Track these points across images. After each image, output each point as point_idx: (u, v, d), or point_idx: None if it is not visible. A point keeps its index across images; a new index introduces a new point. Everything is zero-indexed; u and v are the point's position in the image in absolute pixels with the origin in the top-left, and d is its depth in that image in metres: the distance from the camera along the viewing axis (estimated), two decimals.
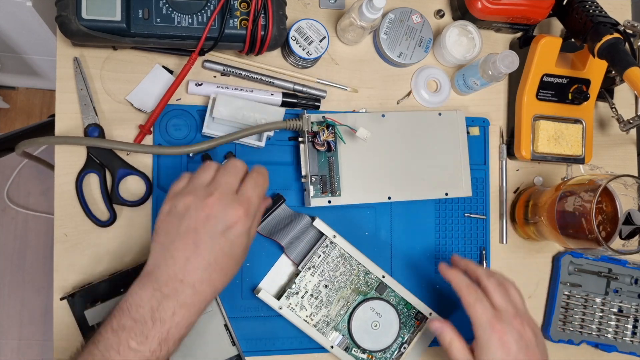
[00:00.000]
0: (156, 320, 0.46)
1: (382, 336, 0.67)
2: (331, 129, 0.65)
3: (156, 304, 0.47)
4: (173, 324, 0.47)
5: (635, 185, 0.65)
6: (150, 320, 0.46)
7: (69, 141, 0.61)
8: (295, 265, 0.66)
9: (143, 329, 0.46)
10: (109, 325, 0.46)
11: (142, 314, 0.46)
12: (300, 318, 0.65)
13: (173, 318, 0.47)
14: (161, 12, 0.58)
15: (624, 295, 0.76)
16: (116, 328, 0.46)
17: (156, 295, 0.47)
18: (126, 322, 0.46)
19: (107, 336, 0.46)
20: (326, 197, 0.66)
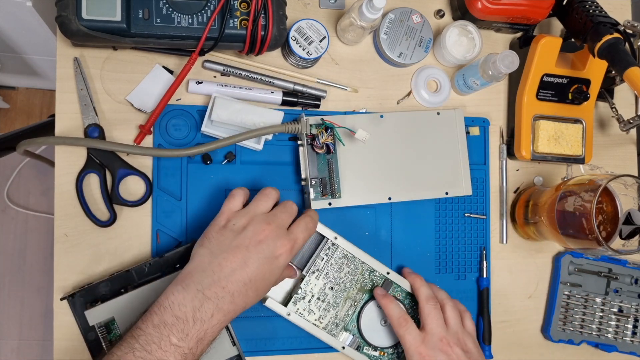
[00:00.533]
0: (197, 320, 0.49)
1: (392, 332, 0.67)
2: (330, 131, 0.65)
3: (198, 304, 0.50)
4: (210, 325, 0.50)
5: (635, 185, 0.65)
6: (192, 319, 0.49)
7: (69, 142, 0.61)
8: (299, 270, 0.66)
9: (184, 327, 0.49)
10: (149, 321, 0.49)
11: (184, 312, 0.49)
12: (310, 322, 0.65)
13: (211, 320, 0.50)
14: (161, 12, 0.58)
15: (624, 295, 0.76)
16: (157, 324, 0.49)
17: (199, 296, 0.50)
18: (168, 318, 0.49)
19: (149, 331, 0.48)
20: (326, 199, 0.66)
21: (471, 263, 0.73)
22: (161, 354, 0.47)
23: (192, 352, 0.49)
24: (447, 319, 0.64)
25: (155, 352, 0.47)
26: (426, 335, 0.62)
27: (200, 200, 0.66)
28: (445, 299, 0.66)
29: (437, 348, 0.61)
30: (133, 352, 0.47)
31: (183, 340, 0.48)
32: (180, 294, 0.50)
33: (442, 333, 0.62)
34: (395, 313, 0.64)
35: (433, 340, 0.61)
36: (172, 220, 0.65)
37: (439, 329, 0.62)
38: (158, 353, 0.47)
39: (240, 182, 0.67)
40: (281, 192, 0.67)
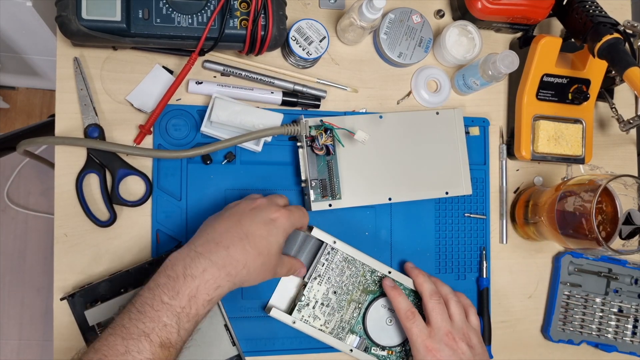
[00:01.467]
0: (187, 276, 0.49)
1: (398, 330, 0.67)
2: (329, 133, 0.65)
3: (189, 261, 0.50)
4: (203, 280, 0.50)
5: (635, 185, 0.65)
6: (182, 276, 0.49)
7: (69, 142, 0.61)
8: (301, 277, 0.66)
9: (175, 285, 0.49)
10: (146, 286, 0.50)
11: (175, 271, 0.50)
12: (315, 328, 0.65)
13: (203, 275, 0.50)
14: (161, 12, 0.58)
15: (624, 295, 0.76)
16: (152, 286, 0.50)
17: (191, 254, 0.51)
18: (161, 279, 0.50)
19: (144, 294, 0.49)
20: (327, 200, 0.66)
21: (471, 263, 0.73)
22: (153, 313, 0.48)
23: (186, 312, 0.49)
24: (452, 314, 0.64)
25: (148, 312, 0.48)
26: (432, 330, 0.62)
27: (200, 200, 0.66)
28: (449, 294, 0.66)
29: (443, 342, 0.61)
30: (129, 315, 0.48)
31: (174, 298, 0.48)
32: (174, 257, 0.52)
33: (447, 327, 0.62)
34: (403, 306, 0.64)
35: (439, 335, 0.62)
36: (172, 220, 0.65)
37: (444, 323, 0.63)
38: (151, 313, 0.48)
39: (240, 182, 0.67)
40: (281, 192, 0.68)
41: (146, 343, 0.46)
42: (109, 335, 0.47)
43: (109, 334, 0.47)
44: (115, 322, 0.48)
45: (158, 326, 0.47)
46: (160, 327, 0.47)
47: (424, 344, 0.61)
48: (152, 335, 0.47)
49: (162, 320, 0.47)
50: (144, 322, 0.47)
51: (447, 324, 0.63)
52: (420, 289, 0.66)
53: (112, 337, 0.47)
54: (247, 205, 0.57)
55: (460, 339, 0.62)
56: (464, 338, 0.63)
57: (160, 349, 0.47)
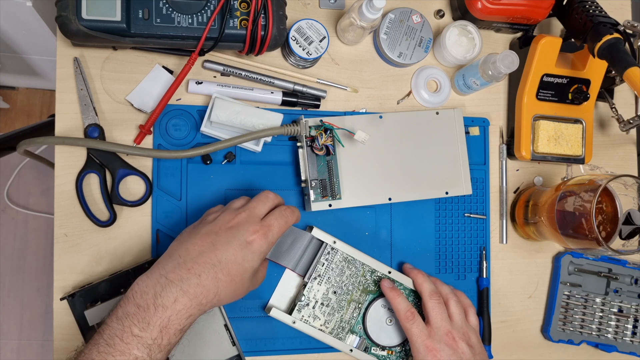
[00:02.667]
0: (158, 306, 0.47)
1: (398, 330, 0.67)
2: (329, 133, 0.65)
3: (160, 289, 0.48)
4: (174, 311, 0.47)
5: (635, 185, 0.65)
6: (153, 306, 0.47)
7: (69, 142, 0.61)
8: (301, 277, 0.66)
9: (145, 315, 0.47)
10: (114, 314, 0.48)
11: (145, 299, 0.47)
12: (315, 328, 0.65)
13: (175, 305, 0.47)
14: (161, 12, 0.58)
15: (624, 295, 0.76)
16: (120, 316, 0.47)
17: (161, 281, 0.48)
18: (130, 309, 0.47)
19: (112, 325, 0.47)
20: (327, 200, 0.66)
21: (471, 263, 0.73)
22: (123, 346, 0.45)
23: (157, 343, 0.46)
24: (451, 314, 0.64)
25: (117, 346, 0.45)
26: (432, 330, 0.62)
27: (200, 200, 0.66)
28: (449, 294, 0.66)
29: (443, 342, 0.61)
30: (97, 348, 0.45)
31: (144, 330, 0.46)
32: (143, 282, 0.49)
33: (447, 327, 0.62)
34: (402, 307, 0.63)
35: (439, 335, 0.62)
36: (172, 220, 0.65)
37: (444, 323, 0.63)
38: (120, 346, 0.45)
39: (240, 182, 0.67)
40: (281, 192, 0.68)
41: None
42: None
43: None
44: (83, 356, 0.46)
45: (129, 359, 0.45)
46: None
47: (424, 344, 0.61)
48: None
49: (132, 353, 0.45)
50: (113, 356, 0.45)
51: (447, 324, 0.63)
52: (419, 289, 0.66)
53: None
54: (225, 223, 0.53)
55: (460, 339, 0.62)
56: (464, 338, 0.63)
57: None
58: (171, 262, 0.50)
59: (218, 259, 0.51)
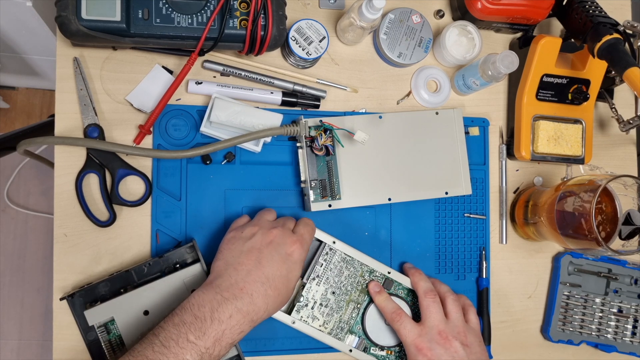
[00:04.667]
0: (215, 319, 0.51)
1: None
2: (329, 133, 0.65)
3: (216, 305, 0.52)
4: (229, 326, 0.51)
5: (635, 185, 0.65)
6: (210, 318, 0.51)
7: (69, 142, 0.61)
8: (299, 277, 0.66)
9: (202, 326, 0.50)
10: (170, 320, 0.51)
11: (203, 312, 0.51)
12: (314, 328, 0.65)
13: (229, 320, 0.51)
14: (161, 12, 0.58)
15: (624, 296, 0.76)
16: (177, 322, 0.50)
17: (217, 297, 0.52)
18: (187, 317, 0.51)
19: (169, 329, 0.50)
20: (326, 201, 0.66)
21: (471, 263, 0.73)
22: (178, 350, 0.48)
23: (209, 352, 0.50)
24: (448, 313, 0.64)
25: (172, 348, 0.48)
26: (424, 329, 0.62)
27: (199, 200, 0.66)
28: (447, 293, 0.66)
29: (434, 341, 0.61)
30: (152, 348, 0.49)
31: (200, 339, 0.49)
32: (200, 297, 0.53)
33: (440, 326, 0.62)
34: (388, 308, 0.64)
35: (431, 334, 0.62)
36: (172, 220, 0.65)
37: (437, 322, 0.62)
38: (175, 349, 0.48)
39: (240, 182, 0.67)
40: (281, 192, 0.68)
41: None
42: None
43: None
44: (136, 351, 0.49)
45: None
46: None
47: (413, 344, 0.61)
48: None
49: (185, 357, 0.49)
50: (167, 357, 0.48)
51: (440, 323, 0.62)
52: (415, 287, 0.66)
53: None
54: (263, 239, 0.57)
55: (453, 338, 0.61)
56: (458, 337, 0.62)
57: None
58: (224, 282, 0.54)
59: (266, 276, 0.55)
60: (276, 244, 0.57)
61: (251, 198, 0.67)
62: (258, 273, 0.55)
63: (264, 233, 0.58)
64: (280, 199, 0.68)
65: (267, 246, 0.57)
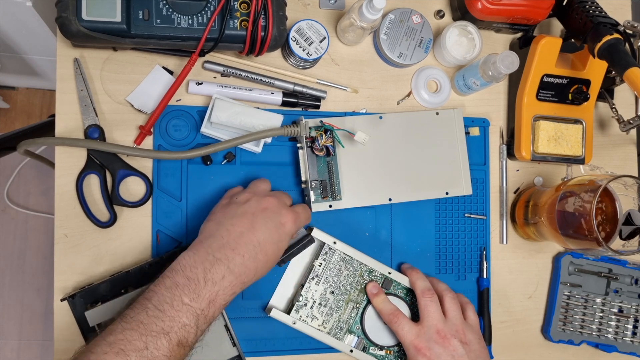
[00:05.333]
0: (208, 280, 0.50)
1: None
2: (329, 134, 0.65)
3: (209, 266, 0.51)
4: (222, 287, 0.51)
5: (635, 185, 0.65)
6: (203, 280, 0.50)
7: (69, 143, 0.61)
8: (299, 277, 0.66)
9: (196, 287, 0.50)
10: (161, 284, 0.50)
11: (195, 273, 0.50)
12: (314, 328, 0.65)
13: (222, 281, 0.51)
14: (161, 13, 0.58)
15: (624, 296, 0.76)
16: (170, 285, 0.50)
17: (209, 258, 0.52)
18: (180, 280, 0.50)
19: (161, 292, 0.49)
20: (327, 201, 0.66)
21: (471, 263, 0.73)
22: (173, 313, 0.48)
23: (204, 314, 0.50)
24: (446, 311, 0.64)
25: (168, 311, 0.48)
26: (422, 328, 0.62)
27: (200, 200, 0.66)
28: (445, 291, 0.65)
29: (433, 340, 0.61)
30: (146, 312, 0.48)
31: (195, 300, 0.49)
32: (191, 258, 0.52)
33: (438, 325, 0.62)
34: (385, 310, 0.64)
35: (429, 333, 0.61)
36: (172, 221, 0.65)
37: (435, 321, 0.62)
38: (171, 312, 0.48)
39: (240, 182, 0.67)
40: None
41: (165, 341, 0.47)
42: (125, 329, 0.47)
43: (124, 328, 0.47)
44: (128, 317, 0.48)
45: (177, 325, 0.48)
46: (179, 327, 0.48)
47: (412, 344, 0.61)
48: (171, 334, 0.48)
49: (181, 320, 0.48)
50: (163, 320, 0.48)
51: (438, 322, 0.62)
52: (413, 287, 0.66)
53: (129, 332, 0.47)
54: (258, 204, 0.57)
55: (452, 336, 0.61)
56: (457, 335, 0.62)
57: (177, 347, 0.48)
58: (215, 242, 0.53)
59: (258, 240, 0.54)
60: (271, 212, 0.56)
61: None
62: (250, 236, 0.54)
63: (259, 200, 0.57)
64: None
65: (262, 212, 0.56)
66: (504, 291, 0.75)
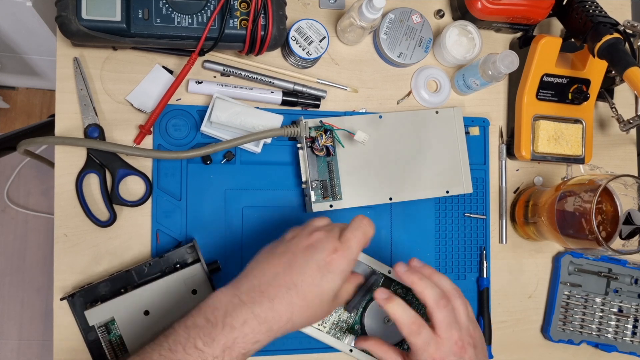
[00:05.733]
0: (226, 325, 0.46)
1: (396, 329, 0.65)
2: (329, 134, 0.65)
3: (231, 308, 0.47)
4: (242, 333, 0.46)
5: (635, 185, 0.65)
6: (221, 324, 0.46)
7: (69, 142, 0.61)
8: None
9: (212, 331, 0.46)
10: (183, 322, 0.47)
11: (215, 315, 0.47)
12: (313, 328, 0.65)
13: (243, 327, 0.46)
14: (161, 12, 0.58)
15: (624, 295, 0.76)
16: (189, 325, 0.47)
17: (234, 301, 0.48)
18: (199, 321, 0.47)
19: (179, 332, 0.46)
20: (327, 201, 0.66)
21: (471, 263, 0.73)
22: (183, 356, 0.45)
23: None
24: (457, 316, 0.57)
25: (178, 354, 0.45)
26: (440, 340, 0.54)
27: (200, 200, 0.66)
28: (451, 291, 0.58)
29: (452, 352, 0.54)
30: (160, 350, 0.46)
31: (208, 346, 0.45)
32: (217, 298, 0.48)
33: (456, 335, 0.55)
34: (405, 319, 0.55)
35: (448, 345, 0.54)
36: (172, 220, 0.65)
37: (454, 331, 0.55)
38: (180, 355, 0.45)
39: (240, 182, 0.67)
40: (281, 193, 0.68)
41: None
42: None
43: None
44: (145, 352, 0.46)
45: None
46: None
47: (431, 358, 0.54)
48: None
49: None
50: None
51: (456, 331, 0.55)
52: (422, 298, 0.56)
53: None
54: (303, 241, 0.52)
55: (468, 344, 0.55)
56: (471, 341, 0.56)
57: None
58: (247, 283, 0.49)
59: (294, 281, 0.49)
60: (314, 249, 0.50)
61: (251, 198, 0.67)
62: (285, 278, 0.49)
63: (304, 236, 0.52)
64: (281, 199, 0.68)
65: (304, 251, 0.50)
66: (504, 291, 0.75)
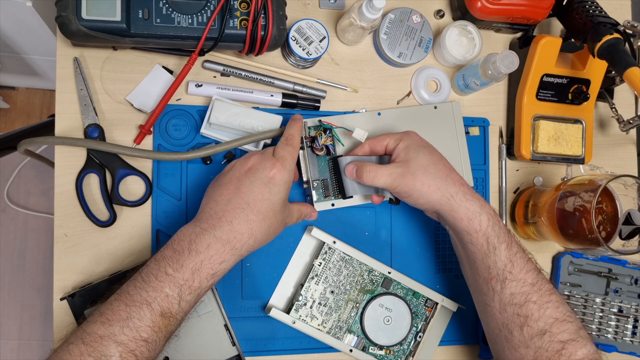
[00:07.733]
0: (192, 250, 0.51)
1: (396, 330, 0.67)
2: (329, 133, 0.65)
3: (194, 236, 0.52)
4: (207, 256, 0.51)
5: (635, 185, 0.65)
6: (187, 250, 0.51)
7: (69, 142, 0.61)
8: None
9: (179, 258, 0.51)
10: (153, 257, 0.52)
11: (181, 245, 0.52)
12: (313, 328, 0.65)
13: (207, 250, 0.51)
14: (161, 12, 0.58)
15: (624, 295, 0.76)
16: (158, 258, 0.52)
17: (196, 230, 0.53)
18: (167, 252, 0.52)
19: (150, 265, 0.51)
20: (329, 200, 0.66)
21: None
22: (157, 283, 0.49)
23: (188, 284, 0.50)
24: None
25: (152, 282, 0.50)
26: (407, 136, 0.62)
27: (200, 200, 0.65)
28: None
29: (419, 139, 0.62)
30: (134, 283, 0.50)
31: (177, 271, 0.50)
32: (181, 232, 0.53)
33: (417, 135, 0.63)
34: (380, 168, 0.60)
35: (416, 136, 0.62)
36: (172, 220, 0.65)
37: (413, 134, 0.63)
38: (154, 283, 0.50)
39: None
40: None
41: (147, 311, 0.48)
42: (114, 300, 0.50)
43: (114, 299, 0.50)
44: (121, 289, 0.51)
45: (160, 296, 0.49)
46: (162, 297, 0.49)
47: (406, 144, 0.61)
48: (154, 304, 0.49)
49: (164, 290, 0.49)
50: (147, 291, 0.49)
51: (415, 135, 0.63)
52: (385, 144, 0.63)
53: (117, 302, 0.49)
54: (242, 167, 0.56)
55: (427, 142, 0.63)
56: None
57: (160, 318, 0.49)
58: (204, 214, 0.54)
59: (246, 201, 0.54)
60: (254, 170, 0.56)
61: None
62: (237, 200, 0.54)
63: (241, 162, 0.57)
64: None
65: (246, 174, 0.56)
66: None
